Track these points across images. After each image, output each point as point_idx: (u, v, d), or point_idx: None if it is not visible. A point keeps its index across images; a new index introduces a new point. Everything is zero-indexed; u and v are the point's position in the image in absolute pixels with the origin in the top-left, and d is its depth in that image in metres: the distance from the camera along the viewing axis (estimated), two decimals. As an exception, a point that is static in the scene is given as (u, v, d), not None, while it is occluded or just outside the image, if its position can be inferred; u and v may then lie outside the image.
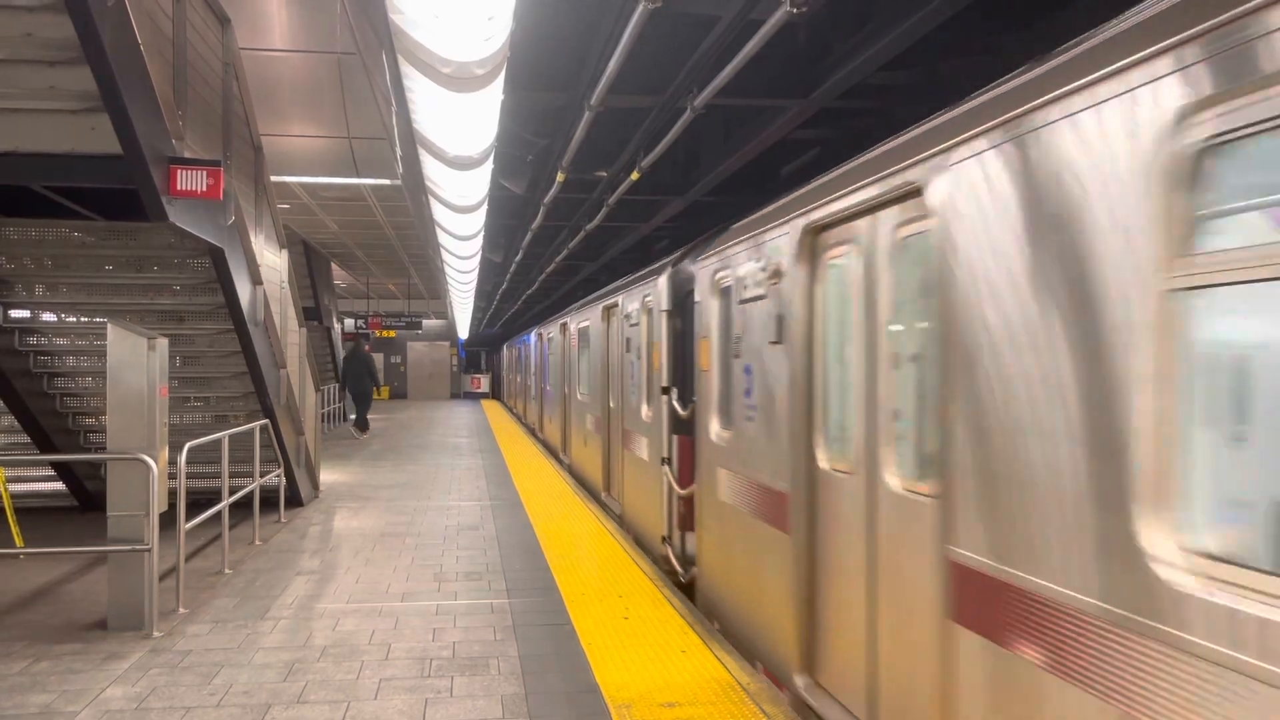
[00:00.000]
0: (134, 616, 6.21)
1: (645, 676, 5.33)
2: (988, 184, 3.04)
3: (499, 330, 49.19)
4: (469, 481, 13.73)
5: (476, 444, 19.85)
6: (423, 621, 6.46)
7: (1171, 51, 2.21)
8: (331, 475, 14.41)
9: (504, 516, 10.67)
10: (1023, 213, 2.86)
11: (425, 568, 8.09)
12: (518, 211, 12.96)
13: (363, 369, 21.51)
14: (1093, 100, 2.51)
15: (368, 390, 21.55)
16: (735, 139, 8.17)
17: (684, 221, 12.31)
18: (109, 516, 6.21)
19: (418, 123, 6.34)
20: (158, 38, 6.40)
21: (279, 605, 6.86)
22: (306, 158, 13.74)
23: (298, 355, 11.37)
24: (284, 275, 10.62)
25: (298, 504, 11.29)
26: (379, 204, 16.77)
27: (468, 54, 4.38)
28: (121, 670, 5.43)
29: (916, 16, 4.69)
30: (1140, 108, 2.33)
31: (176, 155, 6.39)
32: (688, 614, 6.62)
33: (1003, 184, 2.96)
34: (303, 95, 11.57)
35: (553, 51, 6.24)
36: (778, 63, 6.73)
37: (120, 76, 5.53)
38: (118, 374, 6.24)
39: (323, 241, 23.21)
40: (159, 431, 6.35)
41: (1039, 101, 2.76)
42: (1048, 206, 2.72)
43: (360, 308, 40.60)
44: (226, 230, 7.77)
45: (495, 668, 5.50)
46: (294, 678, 5.31)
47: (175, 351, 9.77)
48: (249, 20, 9.76)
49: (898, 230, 3.89)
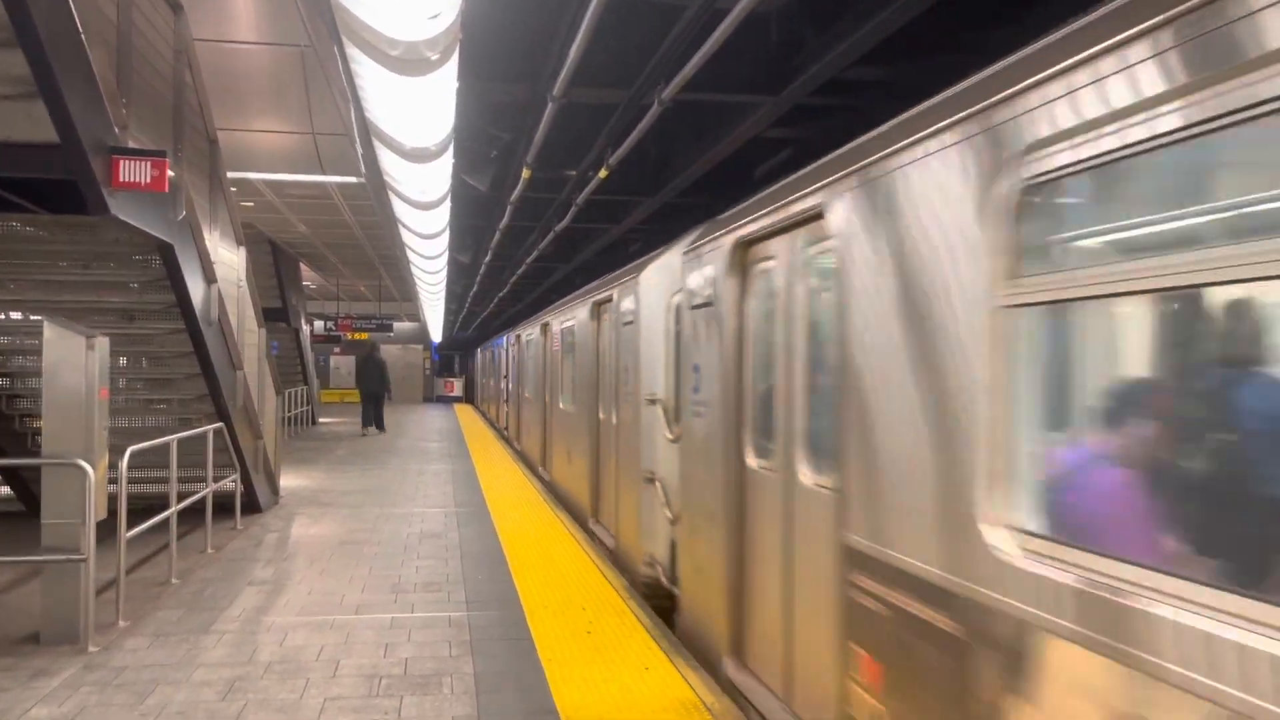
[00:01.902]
0: (69, 630, 5.90)
1: (606, 696, 5.09)
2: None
3: (473, 334, 48.82)
4: (435, 488, 13.42)
5: (446, 449, 19.52)
6: (375, 635, 6.18)
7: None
8: (294, 480, 14.05)
9: (469, 525, 10.38)
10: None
11: (383, 578, 7.80)
12: (485, 211, 12.67)
13: (375, 373, 22.96)
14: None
15: (380, 393, 23.17)
16: (708, 138, 7.95)
17: (657, 224, 12.08)
18: (43, 524, 5.91)
19: (370, 112, 6.07)
20: (101, 23, 6.10)
21: (225, 618, 6.56)
22: (270, 154, 13.40)
23: (256, 356, 11.04)
24: (241, 273, 10.30)
25: (256, 510, 10.95)
26: (346, 203, 16.44)
27: (414, 33, 4.13)
28: (50, 689, 5.12)
29: (884, 14, 4.49)
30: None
31: (119, 145, 6.08)
32: (653, 628, 6.38)
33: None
34: (266, 89, 11.24)
35: (514, 40, 5.99)
36: (750, 59, 6.52)
37: (56, 61, 5.23)
38: (54, 375, 5.93)
39: (290, 241, 22.82)
40: (98, 435, 6.05)
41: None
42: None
43: (331, 309, 40.12)
44: (176, 225, 7.47)
45: (448, 686, 5.23)
46: (234, 696, 5.02)
47: (131, 352, 9.43)
48: (212, 9, 9.43)
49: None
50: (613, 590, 7.39)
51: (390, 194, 9.69)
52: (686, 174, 8.45)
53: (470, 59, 5.70)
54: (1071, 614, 2.37)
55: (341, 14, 4.16)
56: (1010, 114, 2.64)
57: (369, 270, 28.70)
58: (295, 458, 17.37)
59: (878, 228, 3.38)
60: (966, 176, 2.83)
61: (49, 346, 5.91)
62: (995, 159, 2.69)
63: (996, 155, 2.69)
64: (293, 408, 22.35)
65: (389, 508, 11.53)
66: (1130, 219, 2.49)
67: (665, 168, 9.59)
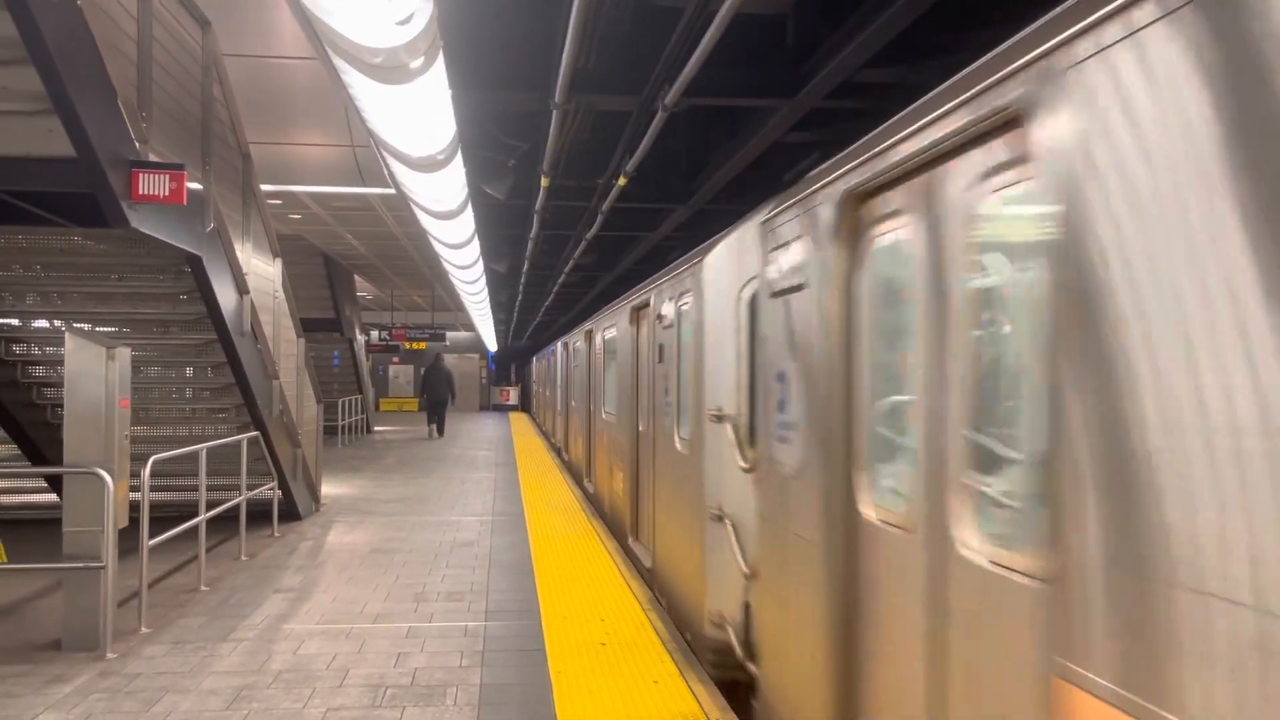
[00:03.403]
0: (89, 637, 5.99)
1: (609, 710, 5.00)
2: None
3: (527, 342, 49.14)
4: (477, 496, 13.46)
5: (494, 457, 19.61)
6: (389, 644, 6.18)
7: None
8: (338, 488, 14.20)
9: (503, 534, 10.38)
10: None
11: (408, 587, 7.81)
12: (517, 220, 12.70)
13: (442, 381, 25.19)
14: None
15: (445, 400, 25.39)
16: (737, 143, 7.85)
17: (691, 231, 11.99)
18: (64, 532, 6.01)
19: (370, 123, 6.09)
20: (121, 38, 6.21)
21: (245, 625, 6.61)
22: (314, 167, 13.59)
23: (295, 366, 11.17)
24: (278, 284, 10.43)
25: (295, 518, 11.07)
26: (390, 213, 16.60)
27: (387, 40, 4.10)
28: (61, 695, 5.19)
29: (887, 14, 4.37)
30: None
31: (140, 159, 6.18)
32: (669, 641, 6.28)
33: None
34: (307, 102, 11.38)
35: (510, 46, 5.96)
36: (766, 61, 6.42)
37: (71, 77, 5.33)
38: (75, 385, 6.03)
39: (342, 253, 23.14)
40: (118, 444, 6.13)
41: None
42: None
43: (387, 319, 40.68)
44: (204, 237, 7.57)
45: (452, 698, 5.19)
46: (238, 705, 5.04)
47: (175, 362, 9.61)
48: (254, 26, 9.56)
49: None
50: (635, 602, 7.31)
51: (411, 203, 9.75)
52: (712, 182, 8.35)
53: (463, 65, 5.68)
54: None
55: (319, 25, 4.16)
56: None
57: (421, 280, 29.00)
58: (344, 465, 17.57)
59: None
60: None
61: (70, 357, 6.01)
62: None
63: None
64: (347, 416, 22.66)
65: (427, 516, 11.58)
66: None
67: (697, 174, 9.51)
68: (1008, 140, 2.46)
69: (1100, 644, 1.96)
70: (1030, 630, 2.29)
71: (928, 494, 2.87)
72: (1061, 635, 2.09)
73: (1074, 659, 2.04)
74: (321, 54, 4.91)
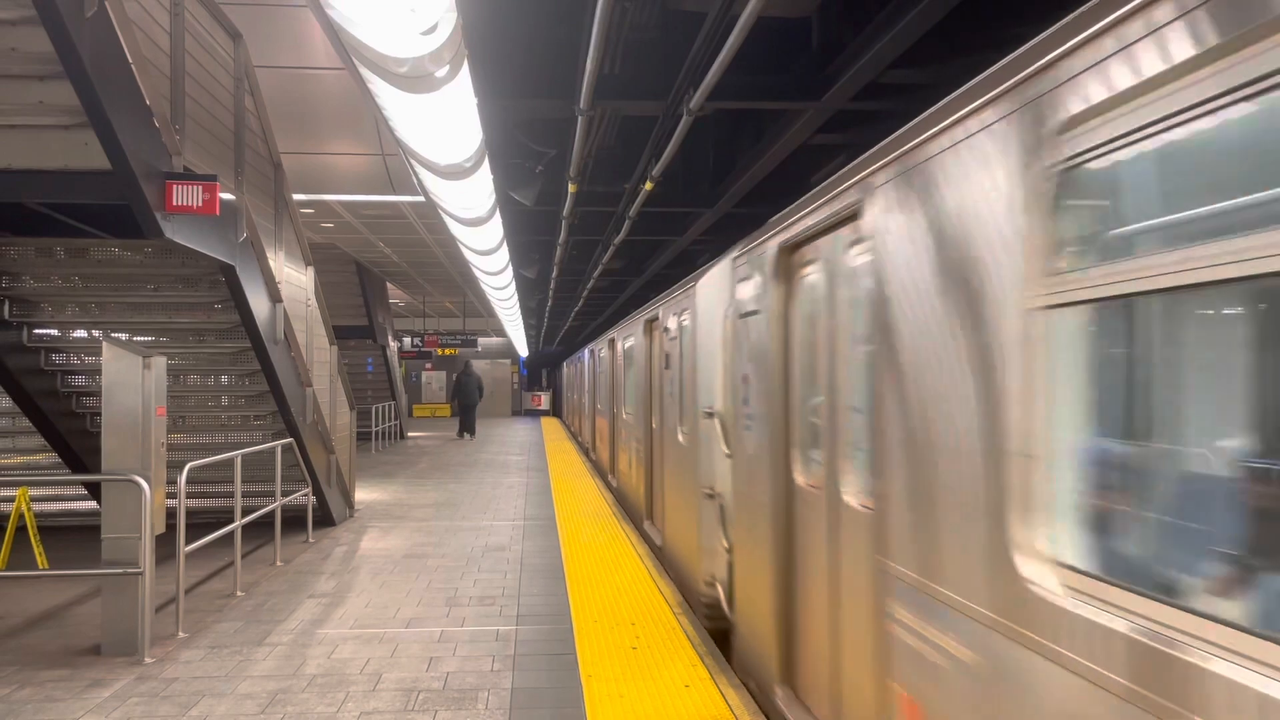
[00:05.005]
0: (127, 642, 6.08)
1: (640, 714, 5.01)
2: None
3: (558, 348, 49.27)
4: (508, 501, 13.52)
5: (525, 461, 19.69)
6: (421, 649, 6.22)
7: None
8: (372, 493, 14.33)
9: (534, 538, 10.42)
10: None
11: (440, 591, 7.86)
12: (546, 226, 12.75)
13: (473, 386, 27.27)
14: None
15: (475, 403, 27.42)
16: (759, 147, 7.84)
17: (718, 235, 11.98)
18: (103, 539, 6.11)
19: (397, 132, 6.14)
20: (154, 53, 6.31)
21: (280, 630, 6.68)
22: (345, 176, 13.73)
23: (328, 374, 11.28)
24: (310, 292, 10.54)
25: (329, 524, 11.18)
26: (420, 220, 16.73)
27: (413, 49, 4.15)
28: (100, 699, 5.27)
29: (913, 13, 4.35)
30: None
31: (173, 170, 6.27)
32: (700, 644, 6.28)
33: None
34: (339, 112, 11.52)
35: (536, 54, 5.99)
36: (791, 64, 6.41)
37: (105, 91, 5.42)
38: (112, 393, 6.13)
39: (374, 261, 23.34)
40: (155, 452, 6.22)
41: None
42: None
43: (420, 326, 40.95)
44: (238, 247, 7.68)
45: (484, 702, 5.22)
46: (273, 709, 5.10)
47: (213, 370, 9.74)
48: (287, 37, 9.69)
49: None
50: (665, 604, 7.31)
51: (440, 211, 9.82)
52: (739, 185, 8.34)
53: (488, 73, 5.72)
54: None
55: (345, 36, 4.21)
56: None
57: (452, 287, 29.19)
58: (377, 471, 17.71)
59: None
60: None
61: (107, 366, 6.11)
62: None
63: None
64: (381, 422, 22.85)
65: (459, 520, 11.65)
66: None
67: (724, 177, 9.51)
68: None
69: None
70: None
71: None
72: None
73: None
74: (348, 64, 4.97)
